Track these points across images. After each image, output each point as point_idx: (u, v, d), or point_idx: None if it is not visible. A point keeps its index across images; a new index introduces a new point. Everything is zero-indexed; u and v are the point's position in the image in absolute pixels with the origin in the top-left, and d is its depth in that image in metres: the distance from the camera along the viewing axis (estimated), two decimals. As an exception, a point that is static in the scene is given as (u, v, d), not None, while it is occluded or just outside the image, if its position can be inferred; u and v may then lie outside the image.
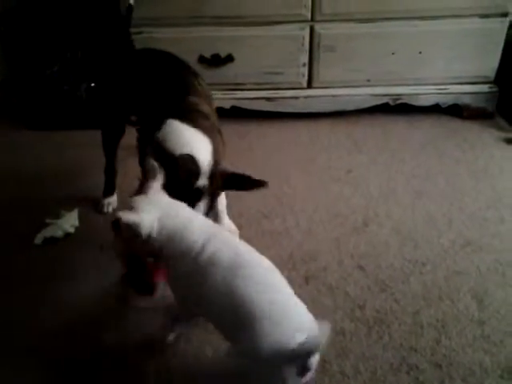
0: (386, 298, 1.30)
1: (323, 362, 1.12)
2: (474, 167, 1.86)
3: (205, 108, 1.32)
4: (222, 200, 1.46)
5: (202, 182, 1.14)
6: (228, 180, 1.18)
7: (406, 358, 1.13)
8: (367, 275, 1.37)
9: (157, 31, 2.04)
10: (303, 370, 0.87)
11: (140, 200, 1.02)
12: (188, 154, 1.14)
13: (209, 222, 1.07)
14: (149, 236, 0.98)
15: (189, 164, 1.13)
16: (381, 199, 1.70)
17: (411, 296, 1.30)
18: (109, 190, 1.70)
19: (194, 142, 1.17)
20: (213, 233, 1.01)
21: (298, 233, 1.54)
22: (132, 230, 0.96)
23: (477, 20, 2.04)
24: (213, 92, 2.13)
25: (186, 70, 1.46)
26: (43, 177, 1.87)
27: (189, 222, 1.01)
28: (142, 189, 1.08)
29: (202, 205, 1.16)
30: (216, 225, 1.09)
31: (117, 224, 0.97)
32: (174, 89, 1.33)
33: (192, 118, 1.23)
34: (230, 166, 1.23)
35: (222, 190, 1.24)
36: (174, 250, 0.99)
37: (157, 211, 0.99)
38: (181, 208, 1.04)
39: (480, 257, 1.42)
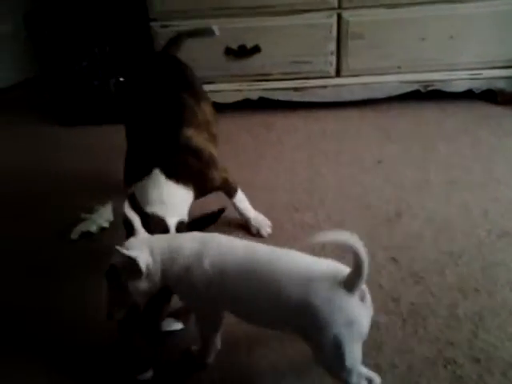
0: (420, 291, 1.28)
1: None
2: (511, 154, 1.81)
3: (199, 141, 1.30)
4: (240, 197, 1.48)
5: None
6: (193, 226, 1.16)
7: (443, 352, 1.12)
8: (401, 267, 1.35)
9: (184, 24, 2.04)
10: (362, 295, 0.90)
11: (129, 242, 1.04)
12: (157, 216, 1.15)
13: (195, 233, 1.06)
14: (148, 272, 0.98)
15: (156, 225, 1.13)
16: (413, 189, 1.67)
17: (447, 288, 1.28)
18: None
19: (168, 203, 1.18)
20: (203, 241, 1.01)
21: (329, 225, 1.53)
22: (132, 268, 0.97)
23: (510, 1, 1.97)
24: (239, 83, 2.17)
25: (187, 88, 1.42)
26: (76, 172, 1.91)
27: (175, 242, 1.02)
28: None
29: None
30: (203, 233, 1.07)
31: (113, 270, 1.01)
32: (168, 120, 1.31)
33: (179, 162, 1.24)
34: (258, 159, 1.21)
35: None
36: (174, 272, 0.99)
37: (146, 247, 1.01)
38: (164, 236, 1.08)
39: (518, 247, 1.39)
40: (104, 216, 1.60)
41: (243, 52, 2.09)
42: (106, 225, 1.58)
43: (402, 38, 2.06)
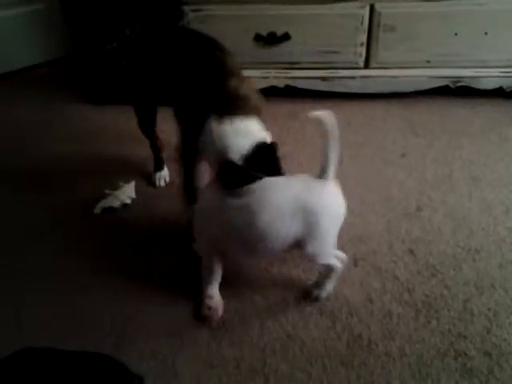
0: (436, 284, 1.28)
1: (369, 342, 1.14)
2: (537, 155, 1.78)
3: (245, 89, 1.28)
4: None
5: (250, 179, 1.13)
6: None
7: (454, 344, 1.12)
8: (417, 260, 1.36)
9: (215, 8, 2.05)
10: None
11: None
12: (232, 162, 1.14)
13: None
14: None
15: (236, 171, 1.13)
16: (435, 184, 1.66)
17: (462, 283, 1.28)
18: (157, 165, 1.75)
19: (236, 145, 1.16)
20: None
21: (349, 215, 1.52)
22: None
23: (549, -2, 1.93)
24: (267, 71, 2.16)
25: (217, 48, 1.39)
26: (103, 150, 1.94)
27: None
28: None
29: None
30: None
31: None
32: (211, 75, 1.29)
33: (234, 108, 1.21)
34: (281, 147, 1.22)
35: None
36: None
37: None
38: None
39: (538, 247, 1.38)
40: (127, 192, 1.64)
41: (273, 39, 2.09)
42: (128, 201, 1.62)
43: (433, 32, 2.04)
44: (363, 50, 2.10)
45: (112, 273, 1.37)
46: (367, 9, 2.02)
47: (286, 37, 2.08)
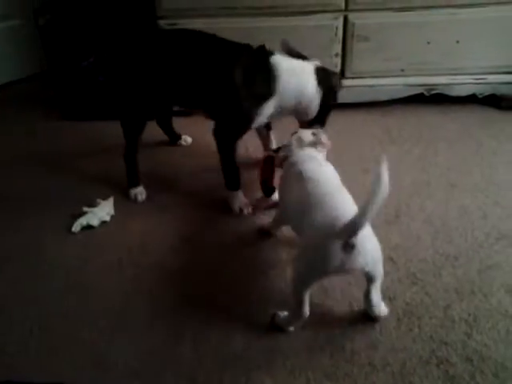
0: (416, 291, 1.29)
1: (352, 352, 1.14)
2: (511, 159, 1.81)
3: None
4: None
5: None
6: None
7: (436, 351, 1.13)
8: (398, 268, 1.36)
9: (190, 22, 2.05)
10: (345, 245, 1.04)
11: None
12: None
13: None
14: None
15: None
16: (413, 191, 1.68)
17: (443, 289, 1.29)
18: (134, 181, 1.74)
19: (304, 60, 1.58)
20: (307, 156, 1.36)
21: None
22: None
23: (517, 7, 1.98)
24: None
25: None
26: (80, 166, 1.93)
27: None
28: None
29: None
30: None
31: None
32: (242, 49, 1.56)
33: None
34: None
35: None
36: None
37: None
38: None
39: (515, 251, 1.40)
40: (105, 209, 1.62)
41: (249, 51, 2.11)
42: (107, 218, 1.60)
43: (407, 42, 2.07)
44: (338, 61, 2.13)
45: (90, 291, 1.35)
46: (341, 20, 2.05)
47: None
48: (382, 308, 1.20)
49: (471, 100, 2.18)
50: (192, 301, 1.30)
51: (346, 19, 2.05)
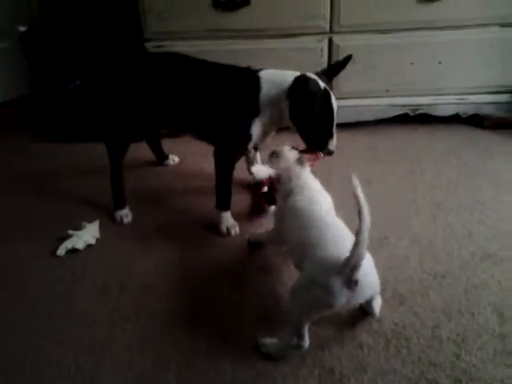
0: (404, 311, 1.29)
1: (340, 375, 1.12)
2: (495, 178, 1.84)
3: None
4: None
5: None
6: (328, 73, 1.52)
7: (425, 373, 1.12)
8: (386, 288, 1.36)
9: (176, 44, 2.07)
10: (349, 282, 1.04)
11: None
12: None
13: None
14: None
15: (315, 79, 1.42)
16: (400, 211, 1.69)
17: (430, 309, 1.29)
18: (120, 203, 1.72)
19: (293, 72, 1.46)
20: (302, 185, 1.36)
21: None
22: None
23: (497, 29, 2.03)
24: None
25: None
26: (66, 188, 1.91)
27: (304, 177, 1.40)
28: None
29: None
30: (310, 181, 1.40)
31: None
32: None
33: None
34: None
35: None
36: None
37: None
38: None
39: (501, 269, 1.40)
40: (91, 232, 1.60)
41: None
42: (92, 241, 1.59)
43: (390, 63, 2.11)
44: (324, 82, 2.15)
45: (75, 315, 1.33)
46: (326, 42, 2.08)
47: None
48: (378, 305, 1.26)
49: (455, 120, 2.21)
50: (179, 326, 1.28)
51: (330, 41, 2.08)
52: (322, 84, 1.42)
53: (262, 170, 1.39)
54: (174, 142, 2.07)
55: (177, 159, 2.08)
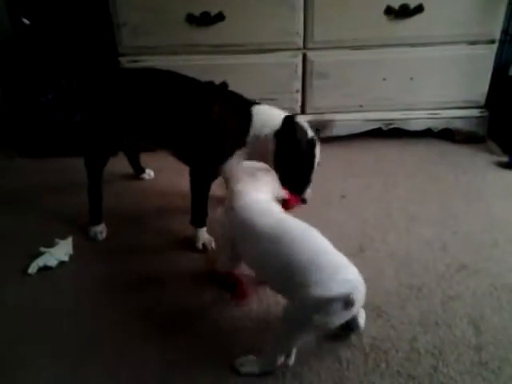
0: (382, 324, 1.29)
1: (320, 391, 1.12)
2: (467, 191, 1.88)
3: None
4: None
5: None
6: None
7: (404, 387, 1.12)
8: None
9: (151, 59, 2.07)
10: (347, 304, 1.03)
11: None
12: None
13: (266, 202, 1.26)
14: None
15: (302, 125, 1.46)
16: (376, 224, 1.70)
17: (408, 322, 1.29)
18: (97, 219, 1.69)
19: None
20: (265, 210, 1.22)
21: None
22: None
23: (465, 47, 2.09)
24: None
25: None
26: (37, 204, 1.87)
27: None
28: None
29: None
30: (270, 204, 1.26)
31: None
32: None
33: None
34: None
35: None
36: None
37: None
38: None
39: (475, 281, 1.42)
40: (64, 249, 1.56)
41: (211, 88, 2.12)
42: (65, 258, 1.55)
43: (364, 78, 2.14)
44: (299, 97, 2.18)
45: (46, 334, 1.29)
46: (300, 58, 2.10)
47: (223, 85, 2.11)
48: (361, 319, 1.25)
49: (427, 134, 2.26)
50: (155, 343, 1.25)
51: (304, 57, 2.11)
52: (310, 133, 1.46)
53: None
54: (149, 156, 2.05)
55: (152, 174, 2.06)
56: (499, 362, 1.17)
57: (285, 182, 1.41)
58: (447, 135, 2.27)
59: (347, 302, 1.03)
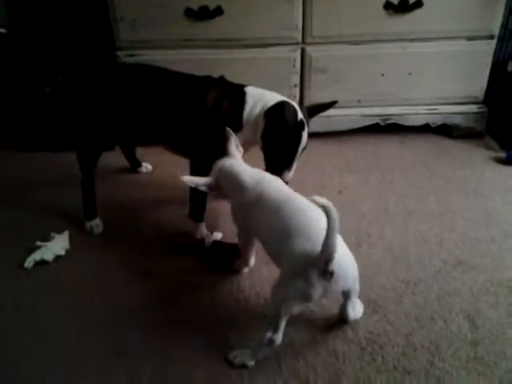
0: (378, 319, 1.29)
1: (316, 385, 1.12)
2: (465, 186, 1.88)
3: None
4: None
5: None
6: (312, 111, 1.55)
7: (400, 381, 1.12)
8: (359, 296, 1.36)
9: (149, 53, 2.06)
10: (325, 273, 1.05)
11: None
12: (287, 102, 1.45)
13: (257, 170, 1.34)
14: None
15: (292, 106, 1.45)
16: (373, 219, 1.70)
17: (404, 317, 1.30)
18: (91, 213, 1.69)
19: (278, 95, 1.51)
20: (261, 177, 1.30)
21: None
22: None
23: (464, 42, 2.08)
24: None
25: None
26: (34, 198, 1.86)
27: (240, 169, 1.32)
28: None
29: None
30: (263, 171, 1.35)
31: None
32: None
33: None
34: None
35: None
36: (231, 189, 1.32)
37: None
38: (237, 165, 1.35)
39: (472, 277, 1.42)
40: (60, 243, 1.56)
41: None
42: (62, 252, 1.54)
43: (362, 73, 2.14)
44: (297, 91, 2.17)
45: (42, 329, 1.28)
46: (298, 52, 2.09)
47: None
48: (356, 312, 1.27)
49: (425, 129, 2.26)
50: (150, 337, 1.25)
51: (303, 51, 2.10)
52: (299, 115, 1.45)
53: (193, 179, 1.35)
54: (145, 150, 2.04)
55: (150, 167, 2.06)
56: (495, 357, 1.17)
57: (268, 162, 1.47)
58: (445, 131, 2.27)
59: (325, 270, 1.04)
